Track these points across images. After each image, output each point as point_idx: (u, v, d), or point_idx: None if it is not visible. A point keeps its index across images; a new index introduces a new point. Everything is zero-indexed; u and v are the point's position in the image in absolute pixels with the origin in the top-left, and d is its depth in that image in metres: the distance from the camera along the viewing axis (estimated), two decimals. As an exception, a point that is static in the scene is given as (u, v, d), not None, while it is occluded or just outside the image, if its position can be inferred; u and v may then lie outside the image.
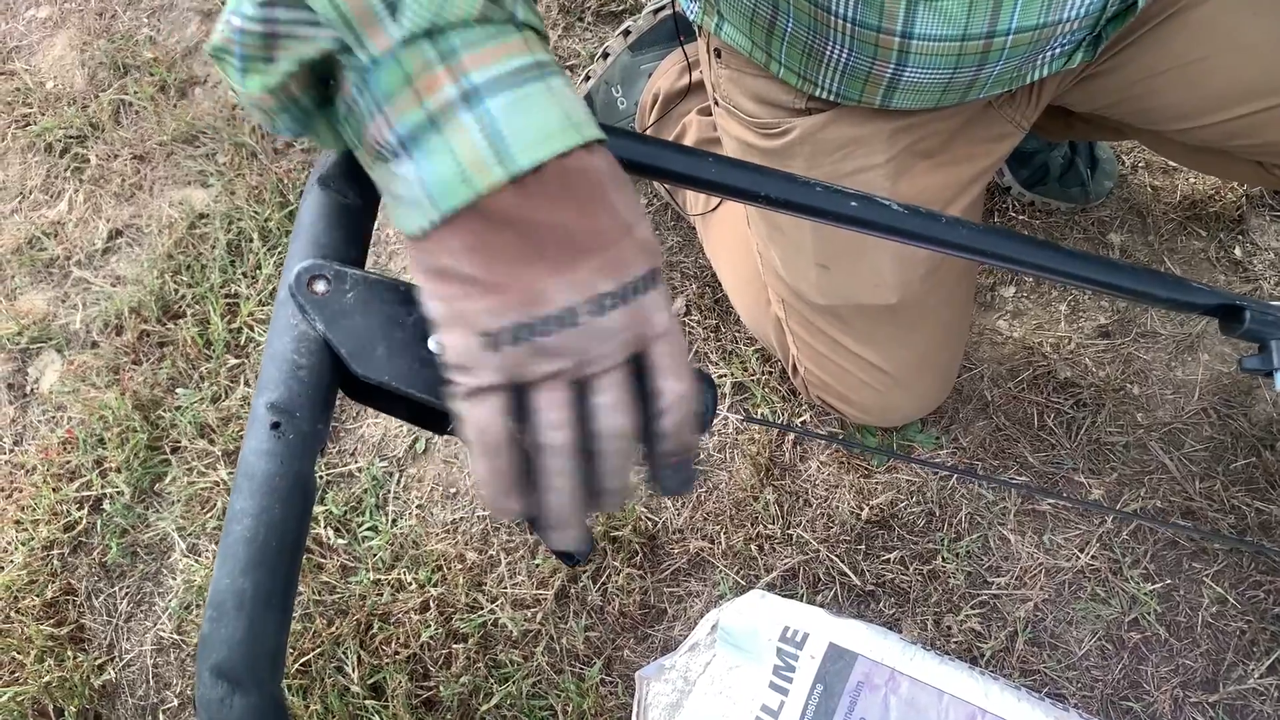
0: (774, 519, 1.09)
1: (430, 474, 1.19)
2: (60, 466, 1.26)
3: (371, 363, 0.41)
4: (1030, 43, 0.74)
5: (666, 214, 1.27)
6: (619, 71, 1.26)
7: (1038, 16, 0.71)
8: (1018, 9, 0.70)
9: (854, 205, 0.57)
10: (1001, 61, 0.75)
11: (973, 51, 0.74)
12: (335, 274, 0.42)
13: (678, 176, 0.55)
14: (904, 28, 0.72)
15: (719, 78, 0.91)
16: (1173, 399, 1.10)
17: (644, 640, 1.07)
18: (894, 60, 0.75)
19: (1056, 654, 1.00)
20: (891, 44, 0.74)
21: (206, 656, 0.35)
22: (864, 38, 0.74)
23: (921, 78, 0.77)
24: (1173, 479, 1.06)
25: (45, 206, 1.46)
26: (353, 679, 1.07)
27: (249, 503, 0.37)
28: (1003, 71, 0.77)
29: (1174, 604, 1.01)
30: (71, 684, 1.13)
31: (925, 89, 0.79)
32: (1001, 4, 0.69)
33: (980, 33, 0.71)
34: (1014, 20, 0.71)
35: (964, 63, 0.75)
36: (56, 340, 1.36)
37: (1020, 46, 0.74)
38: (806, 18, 0.75)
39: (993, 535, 1.06)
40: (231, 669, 0.35)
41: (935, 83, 0.78)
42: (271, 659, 0.36)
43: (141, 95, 1.50)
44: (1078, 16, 0.72)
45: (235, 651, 0.35)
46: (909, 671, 0.88)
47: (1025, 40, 0.73)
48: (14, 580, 1.20)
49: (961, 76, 0.77)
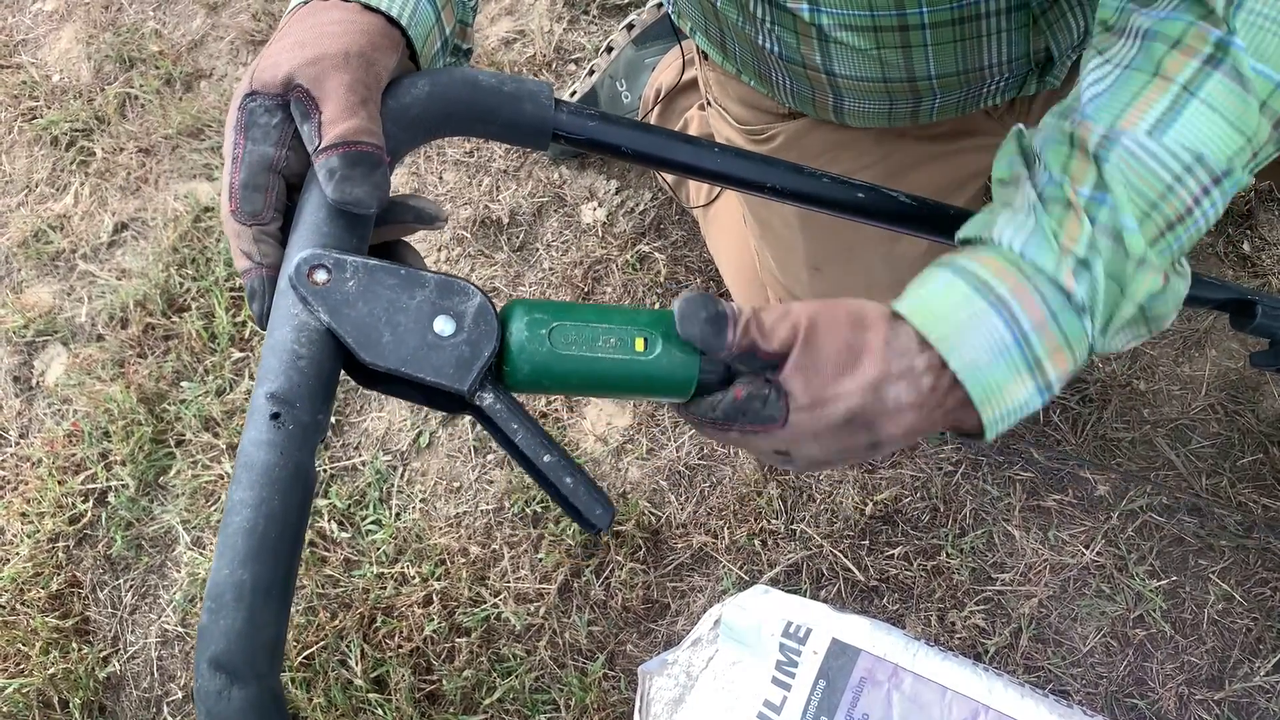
0: (777, 514, 1.08)
1: (434, 468, 1.19)
2: (65, 459, 1.26)
3: (379, 351, 0.41)
4: (961, 84, 0.73)
5: (671, 208, 1.27)
6: (623, 65, 1.25)
7: (956, 64, 0.70)
8: (931, 60, 0.70)
9: (861, 197, 0.57)
10: (938, 97, 0.75)
11: (901, 90, 0.74)
12: (335, 262, 0.42)
13: (682, 167, 0.54)
14: (824, 66, 0.72)
15: (708, 79, 0.91)
16: (1180, 394, 1.10)
17: (647, 635, 1.07)
18: (830, 91, 0.76)
19: (1061, 650, 1.00)
20: (821, 79, 0.74)
21: (205, 648, 0.35)
22: (795, 72, 0.75)
23: (861, 107, 0.78)
24: (1179, 475, 1.05)
25: (51, 200, 1.46)
26: (356, 672, 1.07)
27: (248, 494, 0.37)
28: (945, 103, 0.76)
29: (1180, 601, 1.00)
30: (76, 676, 1.13)
31: (870, 115, 0.79)
32: (911, 54, 0.69)
33: (900, 77, 0.72)
34: (931, 68, 0.71)
35: (898, 98, 0.75)
36: (62, 333, 1.36)
37: (951, 86, 0.73)
38: (747, 44, 0.76)
39: (997, 531, 1.05)
40: (230, 661, 0.35)
41: (877, 111, 0.78)
42: (270, 651, 0.36)
43: (147, 88, 1.50)
44: (1002, 62, 0.72)
45: (234, 643, 0.35)
46: (912, 667, 0.88)
47: (953, 82, 0.73)
48: (20, 572, 1.20)
49: (902, 108, 0.77)
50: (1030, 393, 0.46)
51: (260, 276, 0.44)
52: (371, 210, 0.44)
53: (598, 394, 0.46)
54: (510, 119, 0.49)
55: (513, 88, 0.49)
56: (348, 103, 0.44)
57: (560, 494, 0.43)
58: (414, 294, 0.42)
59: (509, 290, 1.27)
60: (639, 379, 0.45)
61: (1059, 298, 0.46)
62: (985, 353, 0.45)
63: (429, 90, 0.47)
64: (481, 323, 0.42)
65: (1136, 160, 0.47)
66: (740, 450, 1.13)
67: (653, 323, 0.46)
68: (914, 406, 0.46)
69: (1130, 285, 0.47)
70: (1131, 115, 0.48)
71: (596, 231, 1.27)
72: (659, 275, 1.23)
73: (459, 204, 1.32)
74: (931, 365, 0.46)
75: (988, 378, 0.45)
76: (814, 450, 0.47)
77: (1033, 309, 0.46)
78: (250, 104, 0.45)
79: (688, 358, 0.46)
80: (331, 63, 0.44)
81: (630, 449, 1.15)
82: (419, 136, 0.48)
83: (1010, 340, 0.46)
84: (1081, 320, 0.46)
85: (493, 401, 0.42)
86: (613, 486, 1.14)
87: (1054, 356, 0.46)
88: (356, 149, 0.43)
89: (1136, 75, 0.49)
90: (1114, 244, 0.46)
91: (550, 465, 0.42)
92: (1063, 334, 0.46)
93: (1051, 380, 0.47)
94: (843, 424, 0.46)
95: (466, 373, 0.42)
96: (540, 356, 0.43)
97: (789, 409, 0.46)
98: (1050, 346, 0.46)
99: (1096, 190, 0.47)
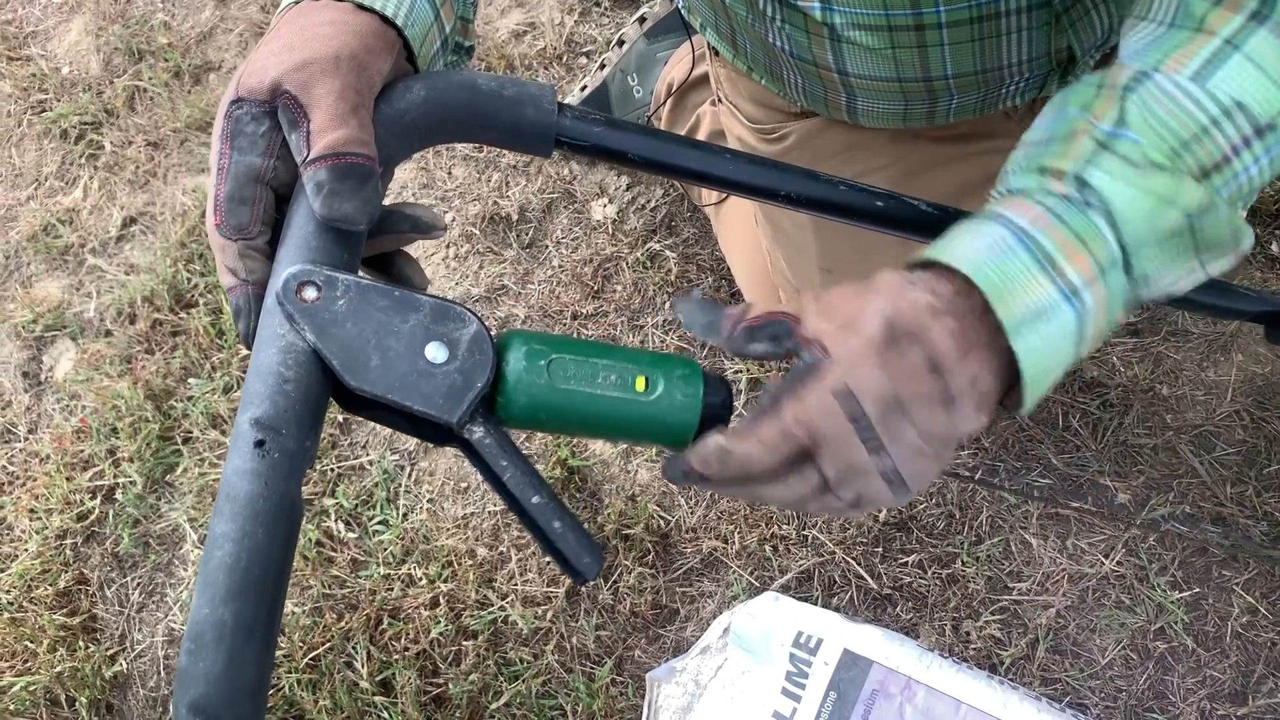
0: (789, 519, 1.07)
1: (442, 468, 1.18)
2: (74, 455, 1.25)
3: (365, 375, 0.39)
4: (978, 83, 0.71)
5: (683, 204, 1.24)
6: (635, 59, 1.23)
7: (973, 64, 0.68)
8: (947, 58, 0.67)
9: (880, 205, 0.55)
10: (954, 97, 0.72)
11: (916, 90, 0.71)
12: (326, 279, 0.40)
13: (691, 174, 0.52)
14: (837, 66, 0.70)
15: (719, 76, 0.89)
16: (1204, 400, 1.07)
17: (655, 641, 1.06)
18: (843, 91, 0.73)
19: (1079, 663, 0.97)
20: (833, 79, 0.72)
21: (184, 692, 0.34)
22: (806, 70, 0.72)
23: (875, 108, 0.75)
24: (1203, 483, 1.03)
25: (60, 193, 1.45)
26: (362, 674, 1.06)
27: (230, 526, 0.35)
28: (962, 104, 0.74)
29: (1202, 613, 0.98)
30: (83, 674, 1.13)
31: (884, 115, 0.76)
32: (928, 54, 0.66)
33: (915, 77, 0.69)
34: (947, 67, 0.68)
35: (913, 99, 0.73)
36: (71, 328, 1.35)
37: (968, 86, 0.71)
38: (758, 41, 0.74)
39: (1014, 539, 1.03)
40: (209, 706, 0.33)
41: (891, 112, 0.75)
42: (252, 695, 0.34)
43: (156, 81, 1.48)
44: (1021, 61, 0.69)
45: (213, 687, 0.33)
46: (925, 680, 0.86)
47: (970, 82, 0.70)
48: (28, 569, 1.20)
49: (917, 108, 0.74)
50: (1052, 295, 0.42)
51: (246, 294, 0.43)
52: (361, 227, 0.42)
53: (592, 434, 0.44)
54: (511, 125, 0.47)
55: (513, 92, 0.47)
56: (337, 111, 0.42)
57: (547, 538, 0.41)
58: (407, 317, 0.40)
59: (518, 288, 1.25)
60: (637, 420, 0.43)
61: (1055, 200, 0.44)
62: (984, 248, 0.43)
63: (425, 95, 0.45)
64: (476, 351, 0.40)
65: (1169, 98, 0.45)
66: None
67: (655, 363, 0.44)
68: (946, 311, 0.42)
69: (1174, 193, 0.44)
70: (1172, 64, 0.46)
71: (607, 229, 1.25)
72: (670, 274, 1.21)
73: (468, 200, 1.31)
74: (941, 275, 0.43)
75: (992, 269, 0.42)
76: (876, 375, 0.41)
77: (1029, 210, 0.44)
78: (236, 111, 0.43)
79: (690, 401, 0.44)
80: (321, 67, 0.42)
81: (640, 451, 1.14)
82: (414, 144, 0.46)
83: (1009, 235, 0.43)
84: (1088, 214, 0.43)
85: (483, 435, 0.40)
86: (622, 489, 1.12)
87: (1066, 251, 0.43)
88: (346, 161, 0.41)
89: (1178, 31, 0.47)
90: (1134, 167, 0.44)
91: (538, 507, 0.40)
92: (1069, 228, 0.43)
93: (1074, 282, 0.43)
94: (887, 336, 0.42)
95: (457, 404, 0.40)
96: (537, 389, 0.41)
97: (824, 345, 0.42)
98: (1058, 240, 0.43)
99: (1117, 125, 0.45)
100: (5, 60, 1.56)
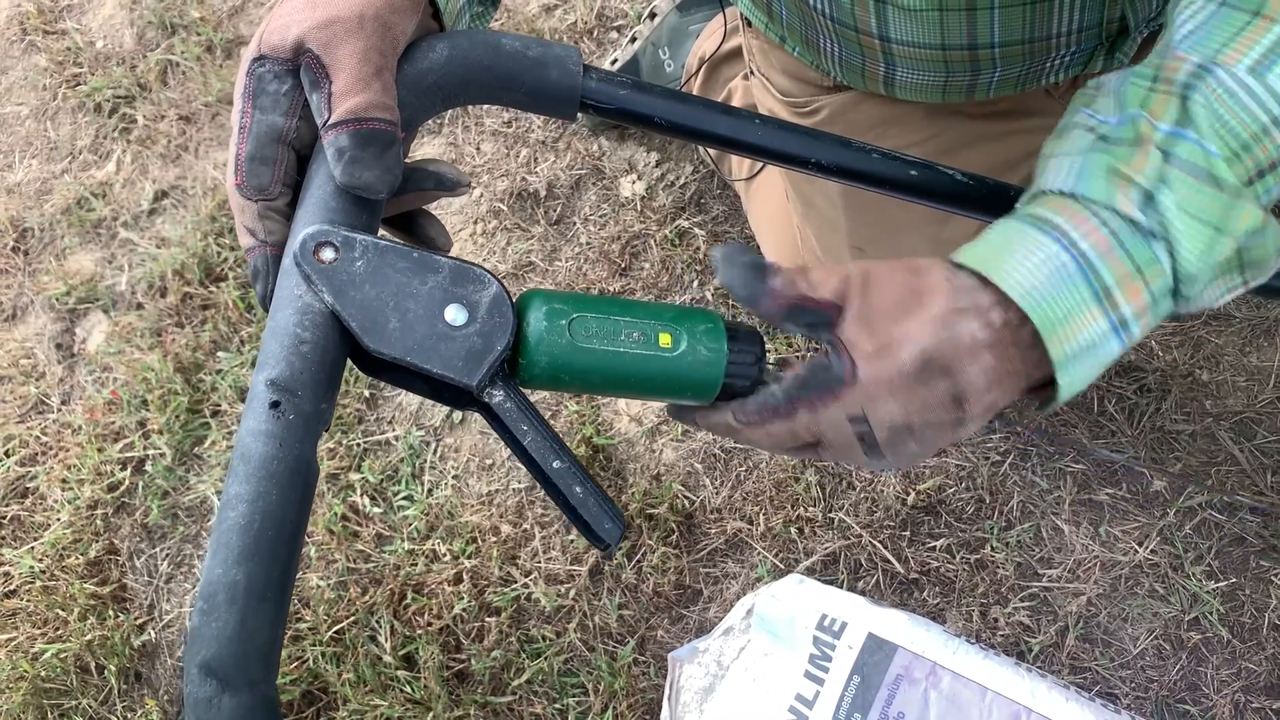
0: (815, 501, 1.05)
1: (467, 444, 1.17)
2: (105, 427, 1.27)
3: (384, 337, 0.39)
4: (1024, 54, 0.68)
5: (713, 181, 1.23)
6: (666, 33, 1.21)
7: (1022, 31, 0.65)
8: (996, 24, 0.65)
9: (914, 174, 0.53)
10: (998, 69, 0.70)
11: (959, 60, 0.69)
12: (344, 240, 0.40)
13: (720, 139, 0.51)
14: (879, 31, 0.68)
15: (751, 48, 0.87)
16: (1245, 386, 1.04)
17: (678, 621, 1.05)
18: (883, 60, 0.71)
19: (1109, 652, 0.96)
20: (874, 45, 0.70)
21: (195, 652, 0.33)
22: (846, 36, 0.70)
23: (915, 79, 0.73)
24: (1242, 471, 1.00)
25: (94, 167, 1.46)
26: (385, 649, 1.07)
27: (244, 487, 0.35)
28: (1005, 77, 0.71)
29: (1239, 604, 0.95)
30: (112, 643, 1.15)
31: (923, 88, 0.74)
32: (977, 18, 0.64)
33: (960, 44, 0.67)
34: (995, 34, 0.66)
35: (955, 69, 0.70)
36: (103, 301, 1.37)
37: (1014, 58, 0.68)
38: (795, 6, 0.72)
39: (1045, 525, 1.01)
40: (221, 666, 0.33)
41: (931, 84, 0.73)
42: (264, 656, 0.34)
43: (188, 55, 1.49)
44: (1072, 31, 0.66)
45: (225, 648, 0.33)
46: (951, 665, 0.85)
47: (1016, 52, 0.68)
48: (60, 538, 1.21)
49: (958, 80, 0.72)
50: (1103, 329, 0.42)
51: (264, 255, 0.42)
52: (382, 196, 0.41)
53: (617, 392, 0.43)
54: (535, 86, 0.46)
55: (538, 53, 0.46)
56: (360, 74, 0.41)
57: (568, 503, 0.40)
58: (426, 279, 0.39)
59: (545, 265, 1.24)
60: (662, 376, 0.42)
61: (1121, 222, 0.42)
62: (1043, 277, 0.42)
63: (448, 55, 0.45)
64: (496, 314, 0.40)
65: (1231, 96, 0.43)
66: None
67: (678, 318, 0.43)
68: (989, 346, 0.42)
69: (1227, 219, 0.42)
70: (1232, 54, 0.44)
71: (635, 205, 1.24)
72: (698, 251, 1.19)
73: (496, 175, 1.30)
74: (996, 301, 0.42)
75: (1050, 304, 0.41)
76: (893, 408, 0.43)
77: (1092, 232, 0.42)
78: (258, 69, 0.42)
79: (714, 355, 0.43)
80: (344, 27, 0.42)
81: (665, 430, 1.13)
82: (436, 105, 0.45)
83: (1069, 261, 0.42)
84: (1151, 246, 0.42)
85: (503, 399, 0.39)
86: (646, 468, 1.11)
87: (1124, 285, 0.42)
88: (368, 126, 0.41)
89: (1236, 14, 0.45)
90: (1195, 179, 0.42)
91: (559, 472, 0.40)
92: (1130, 259, 0.42)
93: (1125, 315, 0.42)
94: (919, 368, 0.42)
95: (477, 366, 0.39)
96: (559, 349, 0.40)
97: (854, 363, 0.42)
98: (1118, 272, 0.42)
99: (1178, 125, 0.43)
100: (41, 34, 1.57)
